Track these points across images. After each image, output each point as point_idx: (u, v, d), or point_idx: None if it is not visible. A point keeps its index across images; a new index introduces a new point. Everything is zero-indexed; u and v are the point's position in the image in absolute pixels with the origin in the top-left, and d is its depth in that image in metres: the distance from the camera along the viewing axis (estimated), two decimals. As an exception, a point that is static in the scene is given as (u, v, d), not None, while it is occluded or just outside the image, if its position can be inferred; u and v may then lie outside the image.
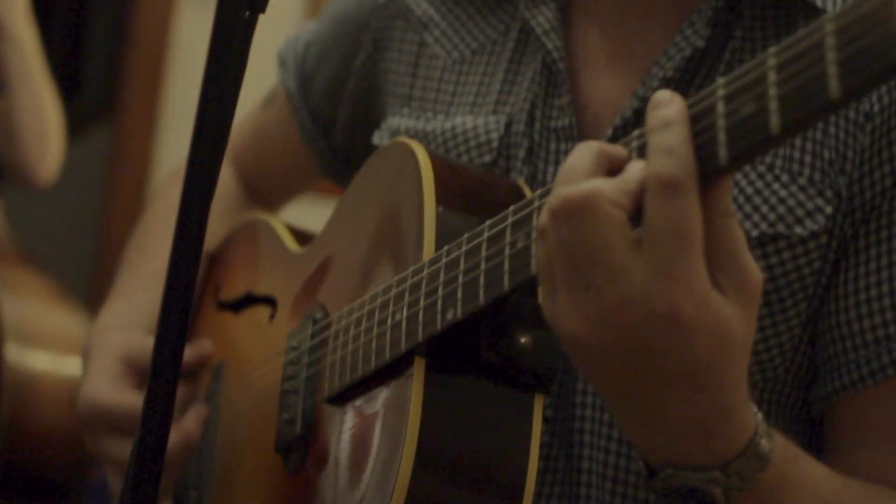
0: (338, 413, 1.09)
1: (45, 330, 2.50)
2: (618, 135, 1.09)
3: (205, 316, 1.41)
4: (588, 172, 0.82)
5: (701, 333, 0.81)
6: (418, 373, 0.98)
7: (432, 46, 1.25)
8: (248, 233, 1.41)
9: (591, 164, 0.83)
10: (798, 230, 1.05)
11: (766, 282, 1.04)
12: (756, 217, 1.05)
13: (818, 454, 1.03)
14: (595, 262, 0.81)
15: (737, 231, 0.82)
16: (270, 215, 1.42)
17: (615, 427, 1.09)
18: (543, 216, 0.84)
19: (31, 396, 2.39)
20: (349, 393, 1.07)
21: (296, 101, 1.42)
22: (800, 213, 1.05)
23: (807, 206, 1.05)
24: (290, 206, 1.59)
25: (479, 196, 1.05)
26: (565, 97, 1.14)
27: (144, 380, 1.21)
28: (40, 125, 2.57)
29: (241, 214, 1.47)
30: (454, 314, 0.95)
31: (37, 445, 2.40)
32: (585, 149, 0.84)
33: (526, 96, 1.17)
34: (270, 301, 1.29)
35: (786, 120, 0.74)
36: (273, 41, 1.51)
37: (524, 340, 0.98)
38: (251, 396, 1.25)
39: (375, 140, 1.26)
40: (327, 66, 1.39)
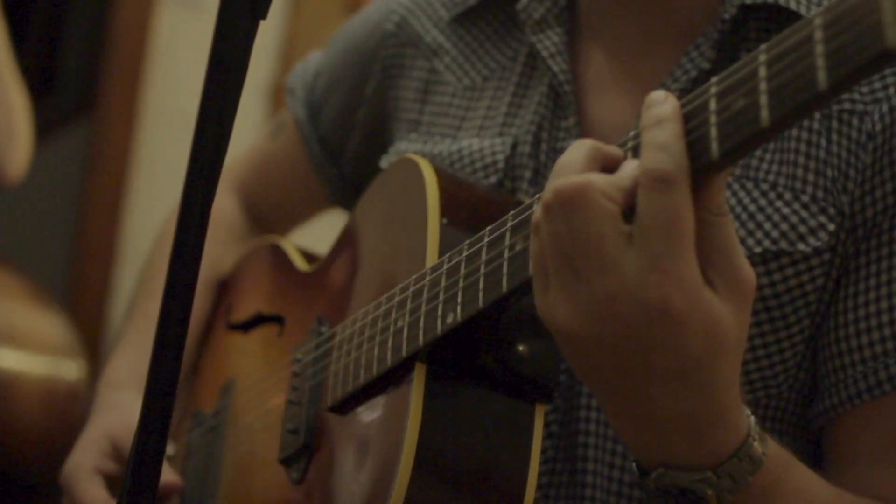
0: (340, 421, 1.09)
1: (21, 330, 2.48)
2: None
3: (215, 338, 1.42)
4: (581, 167, 0.83)
5: (692, 329, 0.81)
6: (419, 379, 0.98)
7: (443, 73, 1.27)
8: (258, 255, 1.43)
9: (584, 160, 0.84)
10: (801, 247, 1.05)
11: (769, 298, 1.06)
12: (759, 234, 1.06)
13: (819, 471, 1.02)
14: (586, 255, 0.81)
15: (730, 231, 0.82)
16: (281, 237, 1.43)
17: (619, 442, 1.09)
18: (537, 211, 0.84)
19: (6, 396, 2.37)
20: (352, 401, 1.08)
21: (305, 130, 1.43)
22: (803, 230, 1.06)
23: (809, 223, 1.06)
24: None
25: (483, 209, 1.05)
26: (571, 119, 1.15)
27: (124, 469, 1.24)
28: (9, 123, 2.55)
29: (246, 244, 1.48)
30: (454, 318, 0.95)
31: (12, 446, 2.38)
32: (580, 146, 0.85)
33: (532, 118, 1.18)
34: (279, 319, 1.30)
35: (776, 113, 0.75)
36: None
37: (525, 349, 0.98)
38: (257, 411, 1.26)
39: (382, 164, 1.27)
40: (337, 94, 1.40)
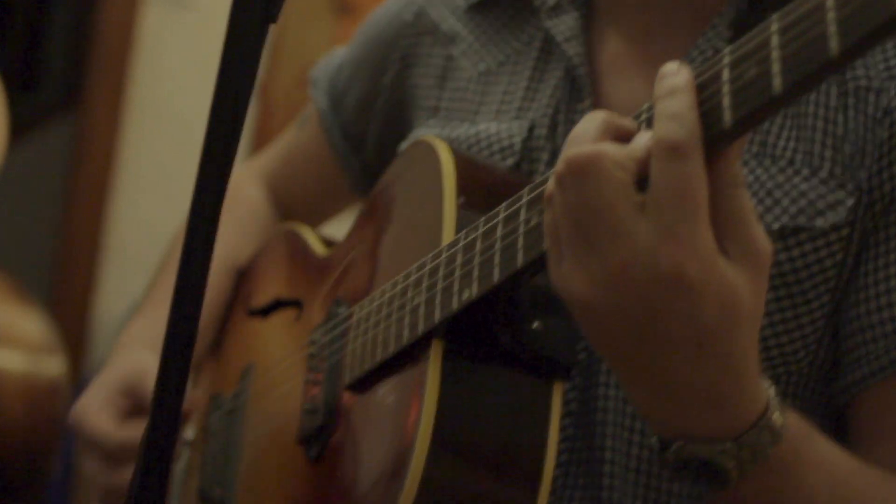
0: (358, 400, 1.09)
1: (3, 328, 2.48)
2: None
3: (235, 325, 1.43)
4: (594, 138, 0.84)
5: (707, 298, 0.81)
6: (435, 355, 0.98)
7: (459, 59, 1.28)
8: (277, 242, 1.44)
9: (597, 131, 0.84)
10: (819, 222, 1.05)
11: (788, 274, 1.06)
12: (777, 210, 1.06)
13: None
14: (599, 224, 0.81)
15: (745, 201, 0.82)
16: (299, 224, 1.44)
17: (638, 419, 1.09)
18: (550, 183, 0.85)
19: (-12, 394, 2.37)
20: (369, 379, 1.08)
21: (327, 121, 1.45)
22: (821, 205, 1.06)
23: (828, 198, 1.06)
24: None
25: (499, 189, 1.05)
26: (587, 102, 1.15)
27: (137, 408, 1.26)
28: None
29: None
30: (470, 294, 0.96)
31: (-6, 443, 2.38)
32: (593, 117, 0.85)
33: (549, 102, 1.18)
34: (297, 303, 1.30)
35: (787, 80, 0.75)
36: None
37: (543, 327, 0.98)
38: (275, 393, 1.27)
39: (404, 146, 1.27)
40: (358, 84, 1.42)
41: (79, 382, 3.85)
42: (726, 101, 0.79)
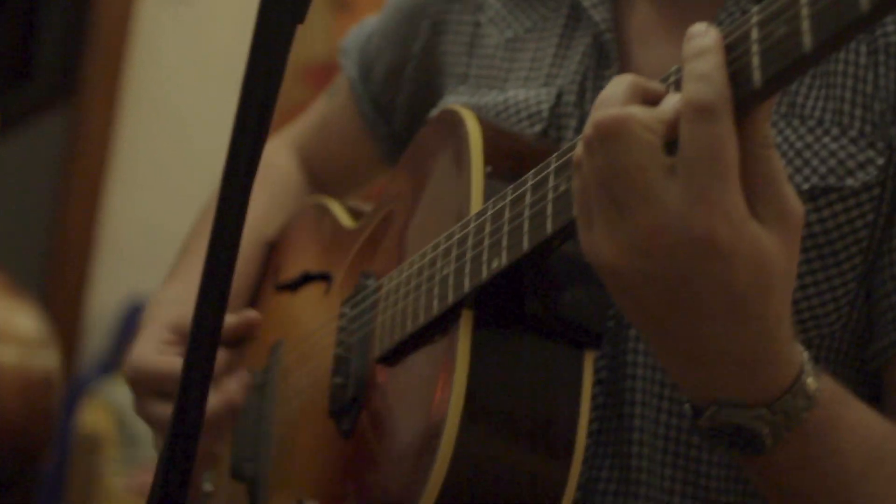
0: (389, 372, 1.08)
1: (-5, 321, 2.47)
2: None
3: (264, 300, 1.43)
4: (622, 101, 0.83)
5: (738, 261, 0.80)
6: (466, 325, 0.98)
7: (486, 26, 1.27)
8: (305, 215, 1.43)
9: (624, 94, 0.83)
10: (850, 182, 1.04)
11: (818, 235, 1.04)
12: (807, 170, 1.05)
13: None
14: (628, 188, 0.80)
15: (776, 163, 0.81)
16: (327, 197, 1.43)
17: (667, 386, 1.08)
18: (578, 148, 0.84)
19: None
20: (400, 351, 1.07)
21: (357, 89, 1.44)
22: (851, 164, 1.04)
23: (858, 157, 1.04)
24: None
25: (527, 157, 1.04)
26: (613, 67, 1.14)
27: None
28: None
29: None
30: (499, 262, 0.95)
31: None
32: (620, 80, 0.84)
33: (577, 69, 1.17)
34: (326, 277, 1.30)
35: (818, 38, 0.74)
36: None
37: (572, 295, 0.98)
38: (305, 366, 1.26)
39: (429, 118, 1.27)
40: (387, 52, 1.41)
41: (71, 376, 3.84)
42: (755, 61, 0.78)
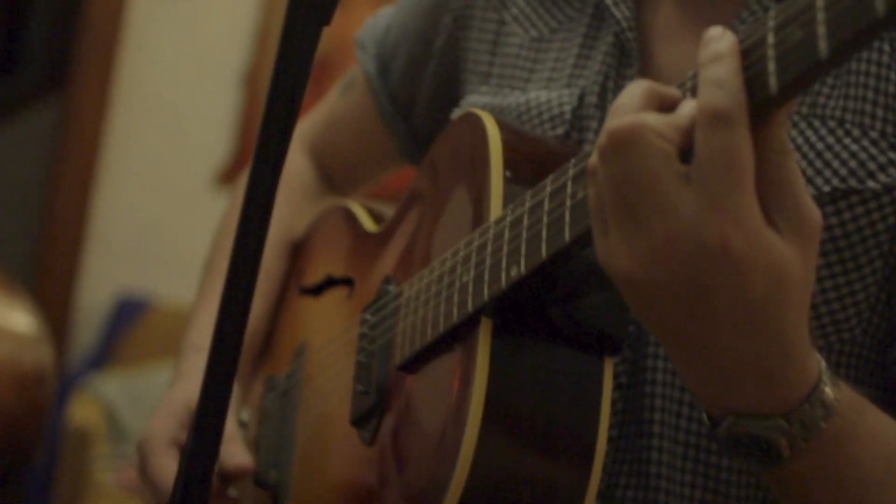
0: (409, 379, 1.08)
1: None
2: None
3: (288, 303, 1.42)
4: (636, 108, 0.82)
5: (754, 271, 0.79)
6: (485, 333, 0.98)
7: (511, 25, 1.26)
8: (328, 219, 1.43)
9: (640, 101, 0.82)
10: (871, 184, 1.03)
11: (839, 238, 1.04)
12: (828, 172, 1.04)
13: None
14: (643, 196, 0.80)
15: (794, 169, 0.81)
16: (350, 200, 1.43)
17: (687, 392, 1.07)
18: (593, 156, 0.84)
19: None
20: (420, 359, 1.07)
21: (375, 84, 1.42)
22: (872, 166, 1.03)
23: (879, 159, 1.03)
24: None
25: (547, 161, 1.03)
26: (634, 67, 1.14)
27: None
28: None
29: (319, 204, 1.48)
30: (518, 271, 0.95)
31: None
32: (636, 87, 0.84)
33: (599, 69, 1.17)
34: (348, 281, 1.30)
35: (833, 43, 0.74)
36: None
37: (592, 301, 0.97)
38: (328, 373, 1.26)
39: (453, 118, 1.25)
40: (407, 47, 1.39)
41: (61, 371, 3.81)
42: (771, 66, 0.77)
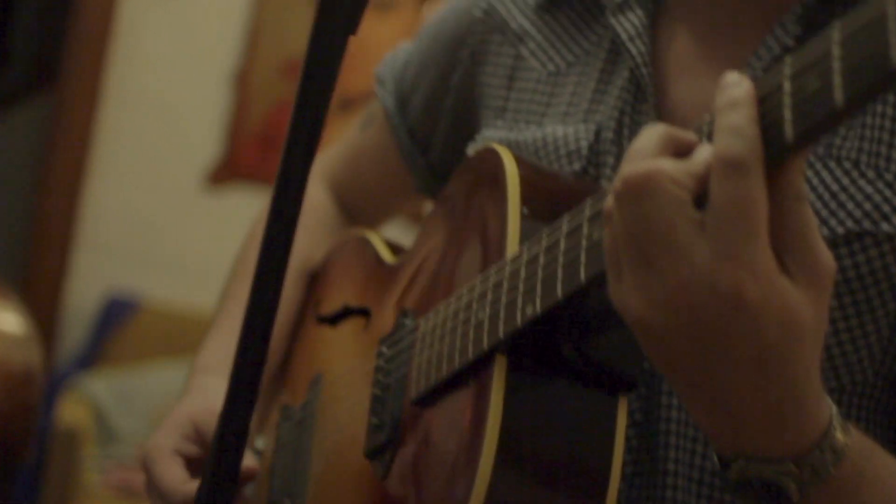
0: (424, 414, 1.10)
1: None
2: None
3: (305, 332, 1.44)
4: (652, 153, 0.83)
5: (767, 317, 0.80)
6: (499, 371, 0.99)
7: (528, 59, 1.27)
8: (346, 249, 1.44)
9: (656, 146, 0.83)
10: (885, 227, 1.03)
11: (852, 280, 1.04)
12: (842, 214, 1.04)
13: None
14: (658, 242, 0.81)
15: (808, 216, 0.81)
16: (368, 230, 1.44)
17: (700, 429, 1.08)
18: (608, 199, 0.84)
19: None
20: (435, 394, 1.08)
21: (394, 120, 1.44)
22: (886, 209, 1.04)
23: (893, 201, 1.04)
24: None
25: (564, 198, 1.04)
26: (650, 102, 1.14)
27: (205, 452, 1.26)
28: None
29: (338, 236, 1.50)
30: (533, 310, 0.96)
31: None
32: (652, 131, 0.84)
33: (615, 104, 1.17)
34: (365, 312, 1.31)
35: (850, 93, 0.74)
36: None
37: (606, 340, 0.98)
38: (343, 404, 1.27)
39: (469, 152, 1.27)
40: (425, 82, 1.41)
41: (49, 371, 3.80)
42: (787, 115, 0.78)
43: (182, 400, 1.34)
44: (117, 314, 4.07)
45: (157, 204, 4.21)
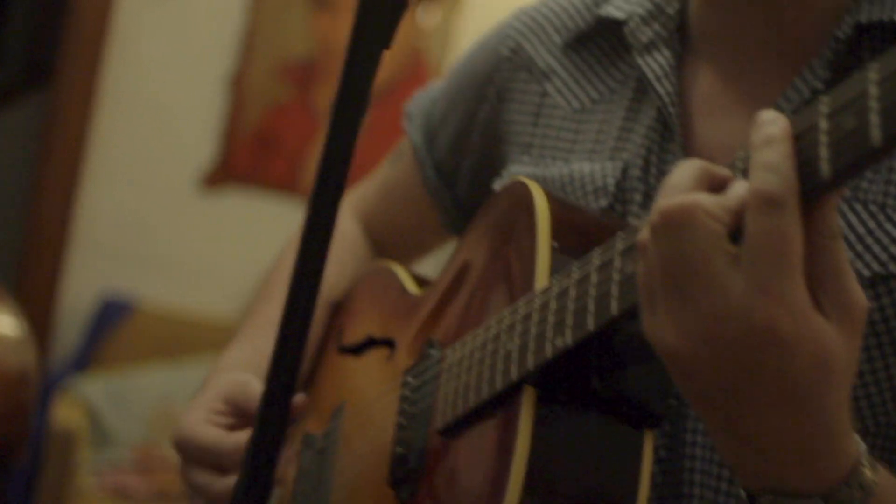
0: (450, 444, 1.10)
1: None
2: None
3: (327, 361, 1.44)
4: (688, 188, 0.83)
5: (800, 353, 0.80)
6: (528, 402, 0.99)
7: (554, 96, 1.28)
8: (370, 279, 1.45)
9: (691, 180, 0.84)
10: None
11: (878, 323, 1.05)
12: (868, 257, 1.05)
13: None
14: (693, 275, 0.81)
15: (841, 254, 0.82)
16: (393, 261, 1.45)
17: (725, 466, 1.08)
18: (644, 232, 0.85)
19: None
20: (461, 425, 1.08)
21: (421, 155, 1.46)
22: None
23: None
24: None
25: (593, 233, 1.05)
26: (676, 142, 1.15)
27: (242, 420, 1.27)
28: None
29: (363, 267, 1.51)
30: (564, 341, 0.96)
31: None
32: (688, 166, 0.85)
33: (642, 142, 1.18)
34: (389, 343, 1.31)
35: (887, 132, 0.75)
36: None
37: (634, 373, 0.99)
38: (366, 434, 1.28)
39: (496, 187, 1.28)
40: (452, 119, 1.42)
41: (43, 372, 3.79)
42: (823, 153, 0.78)
43: (201, 391, 1.33)
44: (112, 316, 4.07)
45: (152, 206, 4.21)
